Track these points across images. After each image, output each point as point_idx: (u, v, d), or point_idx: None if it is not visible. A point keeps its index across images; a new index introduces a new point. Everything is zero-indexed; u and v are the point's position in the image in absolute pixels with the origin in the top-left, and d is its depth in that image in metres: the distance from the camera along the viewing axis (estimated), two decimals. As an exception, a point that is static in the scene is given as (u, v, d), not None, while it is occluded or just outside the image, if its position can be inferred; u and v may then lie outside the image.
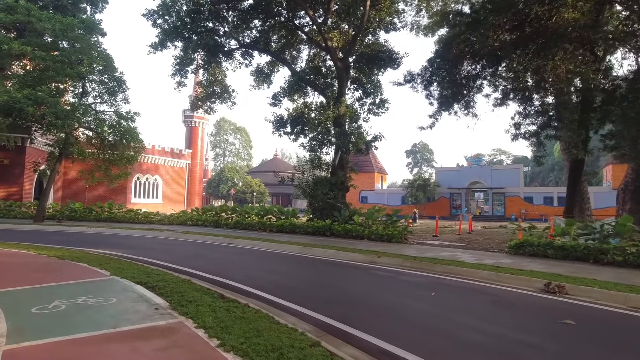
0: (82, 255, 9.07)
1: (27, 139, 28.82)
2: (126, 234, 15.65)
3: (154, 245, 12.48)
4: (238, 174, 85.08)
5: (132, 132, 21.80)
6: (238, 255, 11.00)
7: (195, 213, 20.96)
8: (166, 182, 44.00)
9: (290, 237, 15.43)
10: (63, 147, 19.83)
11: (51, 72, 18.45)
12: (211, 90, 24.40)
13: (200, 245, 12.90)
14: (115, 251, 10.66)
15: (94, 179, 21.56)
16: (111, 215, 20.93)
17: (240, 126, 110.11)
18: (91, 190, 34.69)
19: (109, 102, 22.31)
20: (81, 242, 12.44)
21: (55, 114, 17.31)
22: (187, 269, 8.37)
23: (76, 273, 7.16)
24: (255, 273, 8.50)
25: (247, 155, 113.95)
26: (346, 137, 18.57)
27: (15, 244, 10.66)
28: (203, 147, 51.14)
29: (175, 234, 15.53)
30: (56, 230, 16.07)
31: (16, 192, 28.59)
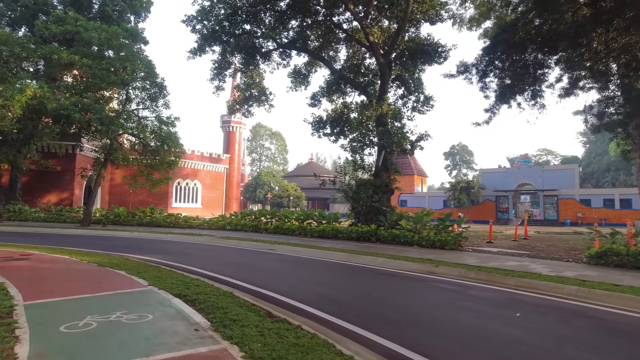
0: (121, 262, 8.68)
1: (77, 146, 30.09)
2: (166, 238, 15.45)
3: (193, 251, 12.04)
4: (274, 179, 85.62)
5: (172, 137, 21.94)
6: (280, 263, 10.27)
7: (234, 218, 20.64)
8: (205, 187, 44.69)
9: (333, 243, 14.57)
10: (108, 153, 20.20)
11: (97, 79, 18.84)
12: (249, 94, 24.20)
13: (240, 252, 12.33)
14: (155, 257, 10.26)
15: (137, 184, 21.85)
16: (153, 219, 21.06)
17: (276, 131, 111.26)
18: (135, 196, 35.72)
19: (150, 107, 22.63)
20: (123, 248, 12.23)
21: (100, 120, 17.58)
22: (228, 279, 7.71)
23: (114, 282, 6.68)
24: (301, 284, 7.69)
25: (283, 159, 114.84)
26: (390, 136, 17.51)
27: (59, 250, 10.54)
28: (240, 151, 51.65)
29: (214, 239, 15.13)
30: (100, 234, 16.19)
31: (67, 198, 29.85)
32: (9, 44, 17.82)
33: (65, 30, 19.09)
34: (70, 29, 19.08)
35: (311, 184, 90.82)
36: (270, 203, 74.89)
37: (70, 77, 20.07)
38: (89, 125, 18.46)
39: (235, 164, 50.01)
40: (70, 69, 18.59)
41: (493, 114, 13.37)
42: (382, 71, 18.72)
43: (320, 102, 21.35)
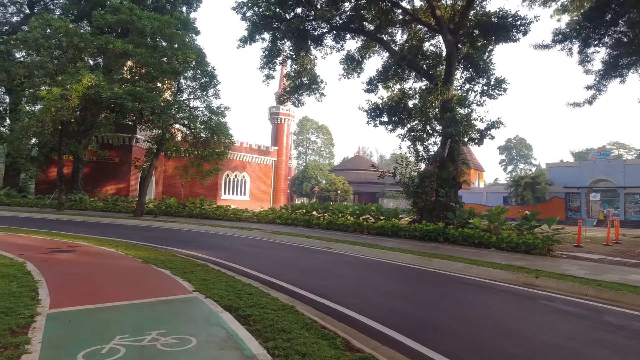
0: (167, 259, 7.80)
1: (133, 138, 30.85)
2: (215, 232, 14.75)
3: (244, 248, 11.08)
4: (321, 172, 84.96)
5: (222, 128, 21.40)
6: (341, 266, 8.94)
7: (284, 211, 19.69)
8: (253, 179, 44.65)
9: (395, 241, 13.02)
10: (159, 143, 20.05)
11: (150, 68, 18.63)
12: (299, 82, 23.15)
13: (294, 250, 11.18)
14: (203, 253, 9.37)
15: (188, 175, 21.60)
16: (202, 211, 20.70)
17: (322, 125, 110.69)
18: (186, 187, 36.25)
19: (201, 97, 22.25)
20: (171, 241, 11.57)
21: (152, 109, 17.30)
22: (285, 285, 6.50)
23: (155, 285, 5.71)
24: (373, 295, 6.29)
25: (329, 153, 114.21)
26: (457, 124, 15.52)
27: (107, 241, 10.00)
28: (289, 144, 51.18)
29: (264, 234, 14.17)
30: (151, 225, 15.88)
31: (124, 188, 30.76)
32: (68, 35, 18.03)
33: (120, 19, 19.03)
34: (124, 18, 18.98)
35: (358, 178, 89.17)
36: (317, 197, 74.23)
37: (125, 68, 20.04)
38: (141, 115, 18.31)
39: (283, 156, 49.59)
40: (125, 59, 18.47)
41: (598, 91, 11.03)
42: (449, 51, 16.70)
43: (377, 87, 19.72)
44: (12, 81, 19.25)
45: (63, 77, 16.58)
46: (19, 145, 20.30)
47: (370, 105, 19.82)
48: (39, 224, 14.34)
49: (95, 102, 17.38)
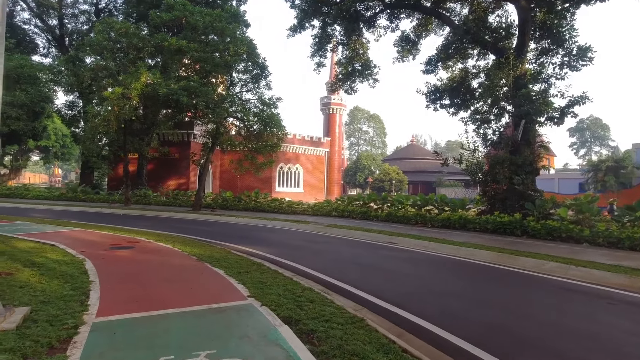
0: (222, 256, 7.40)
1: (191, 134, 31.87)
2: (271, 225, 14.42)
3: (301, 243, 10.50)
4: (374, 162, 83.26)
5: (275, 119, 21.13)
6: (409, 264, 8.00)
7: (340, 203, 18.98)
8: (306, 171, 44.50)
9: (464, 235, 11.74)
10: (214, 137, 20.23)
11: (202, 63, 18.75)
12: (351, 68, 22.21)
13: (355, 245, 10.39)
14: (258, 249, 8.91)
15: (242, 168, 21.68)
16: (257, 204, 20.65)
17: (374, 114, 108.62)
18: (242, 180, 36.95)
19: (253, 90, 22.13)
20: (227, 236, 11.33)
21: (206, 103, 17.37)
22: (349, 288, 5.74)
23: (208, 288, 5.23)
24: (456, 303, 5.31)
25: (381, 143, 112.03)
26: (532, 102, 13.66)
27: (165, 237, 9.93)
28: (341, 134, 50.31)
29: (321, 228, 13.54)
30: (208, 219, 15.99)
31: (184, 183, 31.98)
32: (128, 36, 18.63)
33: (174, 16, 19.31)
34: (178, 14, 19.23)
35: (413, 167, 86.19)
36: (371, 187, 72.80)
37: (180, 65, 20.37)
38: (196, 109, 18.52)
39: (336, 147, 48.87)
40: (180, 56, 18.73)
41: None
42: (522, 18, 14.77)
43: (436, 67, 18.16)
44: (81, 84, 20.46)
45: (124, 77, 17.14)
46: (90, 145, 21.60)
47: (429, 88, 18.36)
48: (106, 219, 14.98)
49: (153, 99, 17.84)
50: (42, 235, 9.39)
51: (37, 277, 5.18)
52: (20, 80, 23.61)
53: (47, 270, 5.61)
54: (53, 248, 7.60)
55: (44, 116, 31.47)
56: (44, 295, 4.41)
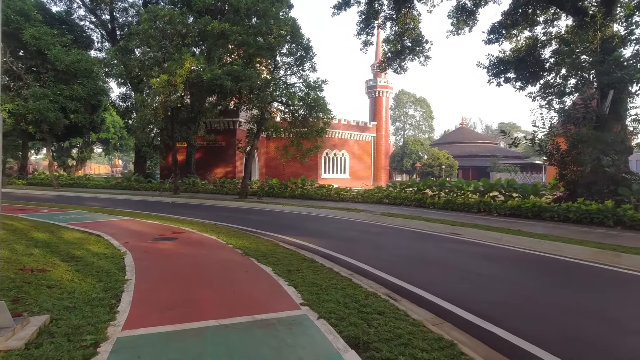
0: (269, 250, 6.66)
1: (236, 122, 31.86)
2: (319, 214, 13.61)
3: (353, 234, 9.57)
4: (422, 147, 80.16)
5: (321, 102, 20.17)
6: (486, 261, 6.79)
7: (392, 190, 17.76)
8: (353, 157, 43.32)
9: (540, 225, 10.19)
10: (259, 123, 19.71)
11: (246, 46, 18.16)
12: (400, 45, 20.66)
13: (414, 236, 9.27)
14: (308, 241, 8.11)
15: (288, 154, 21.05)
16: (304, 191, 19.98)
17: (420, 97, 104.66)
18: (287, 167, 36.63)
19: (297, 72, 21.27)
20: (273, 225, 10.68)
21: (250, 87, 16.79)
22: (422, 293, 4.72)
23: (254, 291, 4.45)
24: (581, 321, 4.11)
25: (428, 127, 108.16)
26: (624, 68, 11.51)
27: (210, 227, 9.44)
28: (387, 118, 48.31)
29: (374, 217, 12.51)
30: (254, 207, 15.53)
31: (231, 171, 32.19)
32: (172, 23, 18.43)
33: None
34: (220, -3, 18.71)
35: (463, 151, 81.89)
36: (419, 173, 70.22)
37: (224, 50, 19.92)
38: (240, 94, 18.02)
39: (382, 131, 47.06)
40: (223, 40, 18.23)
41: None
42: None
43: (501, 35, 16.18)
44: (130, 74, 20.77)
45: (169, 64, 16.97)
46: (141, 135, 22.02)
47: (492, 61, 16.45)
48: (155, 207, 15.00)
49: (198, 86, 17.58)
50: (92, 224, 9.25)
51: (70, 274, 4.70)
52: (77, 75, 24.55)
53: (84, 266, 5.14)
54: (98, 239, 7.29)
55: (101, 109, 32.97)
56: (71, 298, 3.85)
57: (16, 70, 24.53)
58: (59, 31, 25.91)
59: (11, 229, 7.66)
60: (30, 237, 6.92)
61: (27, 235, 7.09)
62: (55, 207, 13.35)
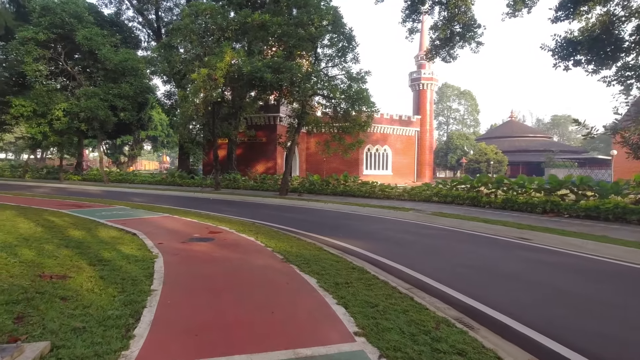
0: (313, 255, 5.90)
1: (277, 117, 31.57)
2: (364, 212, 12.70)
3: (405, 236, 8.59)
4: (468, 142, 76.49)
5: (364, 95, 19.16)
6: (579, 276, 5.58)
7: (442, 187, 16.45)
8: (395, 152, 41.78)
9: (626, 230, 8.67)
10: (300, 118, 19.08)
11: (286, 37, 17.55)
12: (449, 32, 19.14)
13: (475, 241, 8.14)
14: (355, 244, 7.26)
15: (330, 149, 20.26)
16: (346, 188, 19.12)
17: (465, 90, 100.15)
18: (328, 163, 35.90)
19: (339, 64, 20.37)
20: (316, 225, 9.93)
21: (291, 80, 16.16)
22: (510, 322, 3.72)
23: (295, 312, 3.68)
24: None
25: (473, 121, 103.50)
26: None
27: (249, 227, 8.87)
28: (432, 112, 46.13)
29: (424, 216, 11.41)
30: (294, 205, 14.90)
31: (272, 167, 31.98)
32: (213, 16, 18.21)
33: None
34: (261, -12, 18.21)
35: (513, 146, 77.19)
36: (465, 169, 66.98)
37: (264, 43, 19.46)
38: (280, 87, 17.45)
39: (427, 125, 45.03)
40: (263, 31, 17.74)
41: None
42: None
43: (572, 11, 14.28)
44: (172, 70, 20.91)
45: (209, 58, 16.74)
46: (183, 131, 22.18)
47: (558, 42, 14.64)
48: (196, 203, 14.81)
49: (238, 80, 17.22)
50: (130, 222, 8.99)
51: (92, 282, 4.18)
52: (125, 73, 25.25)
53: (110, 271, 4.64)
54: (132, 238, 6.90)
55: (148, 107, 34.00)
56: (84, 315, 3.28)
57: (70, 71, 25.67)
58: (109, 32, 26.82)
59: (50, 226, 7.48)
60: (65, 236, 6.64)
61: (63, 234, 6.83)
62: (101, 202, 13.48)
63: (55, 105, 23.71)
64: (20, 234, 6.35)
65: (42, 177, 30.67)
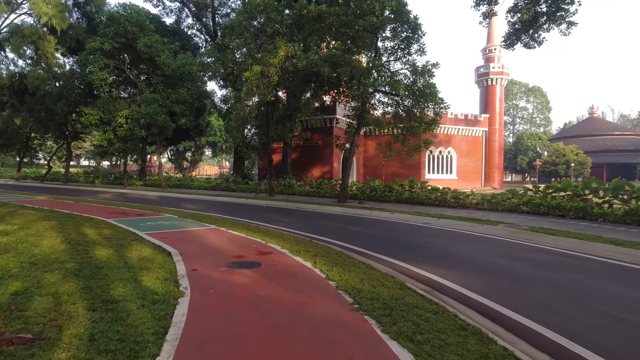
0: (394, 298, 4.08)
1: (333, 119, 30.09)
2: (441, 226, 10.56)
3: (513, 265, 6.43)
4: (541, 142, 69.56)
5: (432, 90, 16.92)
6: None
7: (532, 194, 13.71)
8: (460, 155, 38.34)
9: None
10: (359, 117, 17.30)
11: (344, 28, 15.93)
12: (534, 12, 16.34)
13: (619, 275, 5.77)
14: (448, 277, 5.31)
15: (392, 151, 18.21)
16: (412, 195, 16.95)
17: (534, 86, 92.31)
18: (387, 167, 33.67)
19: (402, 57, 18.28)
20: (386, 242, 8.07)
21: (350, 73, 14.49)
22: None
23: None
24: None
25: (544, 119, 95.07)
26: None
27: (306, 244, 7.28)
28: (502, 110, 41.83)
29: (521, 233, 9.05)
30: (356, 215, 13.11)
31: (328, 171, 30.52)
32: (267, 11, 17.17)
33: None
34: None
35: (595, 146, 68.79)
36: (538, 172, 60.71)
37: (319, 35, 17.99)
38: (339, 83, 15.83)
39: (496, 125, 40.91)
40: (319, 24, 16.29)
41: None
42: None
43: None
44: (226, 71, 20.25)
45: (262, 55, 15.63)
46: (236, 134, 21.44)
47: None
48: (247, 211, 13.64)
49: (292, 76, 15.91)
50: (171, 235, 7.84)
51: (72, 350, 2.76)
52: (182, 78, 25.30)
53: (110, 324, 3.22)
54: (164, 261, 5.59)
55: (206, 112, 34.31)
56: None
57: (132, 79, 26.31)
58: (169, 39, 27.19)
59: (78, 242, 6.44)
60: (87, 257, 5.48)
61: (87, 253, 5.70)
62: (152, 210, 12.76)
63: (118, 112, 24.28)
64: (34, 254, 5.30)
65: (110, 183, 32.06)
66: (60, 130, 32.23)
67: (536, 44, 17.91)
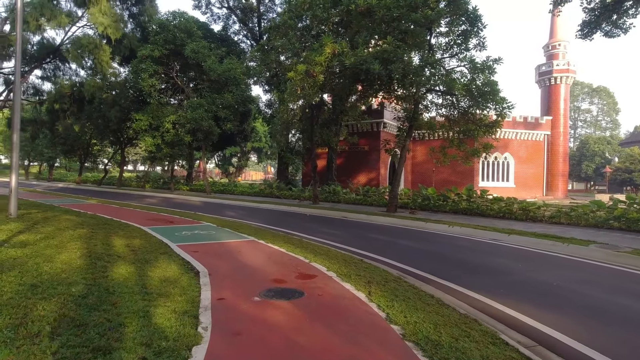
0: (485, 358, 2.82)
1: (381, 123, 28.69)
2: (513, 243, 8.91)
3: (623, 300, 4.86)
4: (610, 147, 63.20)
5: (493, 88, 15.14)
6: None
7: (625, 207, 11.53)
8: (518, 161, 35.23)
9: None
10: (412, 119, 15.87)
11: (396, 22, 14.67)
12: (615, -3, 14.18)
13: None
14: (530, 314, 3.91)
15: (446, 157, 16.55)
16: (471, 205, 15.17)
17: (599, 87, 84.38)
18: (438, 174, 31.61)
19: (459, 53, 16.62)
20: (450, 264, 6.68)
21: (403, 70, 13.18)
22: None
23: None
24: None
25: (611, 122, 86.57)
26: None
27: (355, 266, 6.13)
28: (567, 111, 38.01)
29: (624, 257, 7.25)
30: (409, 227, 11.69)
31: (374, 178, 29.11)
32: (312, 9, 16.35)
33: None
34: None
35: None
36: (608, 180, 54.90)
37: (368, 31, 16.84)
38: (390, 80, 14.55)
39: (560, 128, 37.22)
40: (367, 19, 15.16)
41: None
42: None
43: None
44: (269, 72, 19.66)
45: (307, 53, 14.76)
46: (280, 138, 20.76)
47: None
48: (290, 220, 12.72)
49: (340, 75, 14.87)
50: (204, 248, 7.03)
51: None
52: (227, 83, 25.22)
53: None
54: (189, 283, 4.69)
55: (251, 118, 34.26)
56: None
57: (180, 85, 26.69)
58: (216, 45, 27.36)
59: (99, 256, 5.76)
60: (102, 276, 4.70)
61: (104, 271, 4.94)
62: (191, 217, 12.21)
63: (165, 118, 24.62)
64: (41, 273, 4.59)
65: (159, 187, 32.87)
66: (115, 136, 33.63)
67: (621, 32, 15.73)
